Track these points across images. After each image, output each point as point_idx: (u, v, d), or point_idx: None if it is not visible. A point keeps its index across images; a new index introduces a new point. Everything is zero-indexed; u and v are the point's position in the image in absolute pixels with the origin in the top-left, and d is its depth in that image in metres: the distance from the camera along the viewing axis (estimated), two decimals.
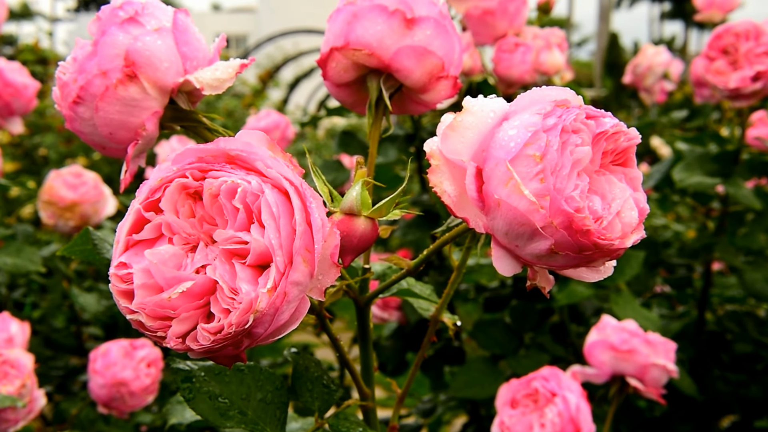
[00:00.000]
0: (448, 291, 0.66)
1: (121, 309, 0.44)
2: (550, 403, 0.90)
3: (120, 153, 0.58)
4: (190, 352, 0.43)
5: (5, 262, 1.22)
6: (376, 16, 0.60)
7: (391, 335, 1.56)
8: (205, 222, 0.44)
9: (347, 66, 0.63)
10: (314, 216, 0.43)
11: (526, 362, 1.39)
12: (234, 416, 0.56)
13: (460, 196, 0.48)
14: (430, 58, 0.61)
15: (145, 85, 0.55)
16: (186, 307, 0.42)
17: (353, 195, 0.50)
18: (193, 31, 0.58)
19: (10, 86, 1.29)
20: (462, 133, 0.47)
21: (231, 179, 0.42)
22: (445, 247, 0.56)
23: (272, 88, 7.76)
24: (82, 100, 0.55)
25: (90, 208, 1.39)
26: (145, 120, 0.56)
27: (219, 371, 0.59)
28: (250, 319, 0.41)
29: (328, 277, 0.46)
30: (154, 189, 0.44)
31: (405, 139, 1.43)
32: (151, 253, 0.43)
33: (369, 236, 0.51)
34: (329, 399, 0.61)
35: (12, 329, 1.10)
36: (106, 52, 0.54)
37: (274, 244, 0.42)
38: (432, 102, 0.65)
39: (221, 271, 0.42)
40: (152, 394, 1.17)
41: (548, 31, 1.27)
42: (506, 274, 0.48)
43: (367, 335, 0.65)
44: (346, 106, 0.68)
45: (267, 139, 0.46)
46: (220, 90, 0.56)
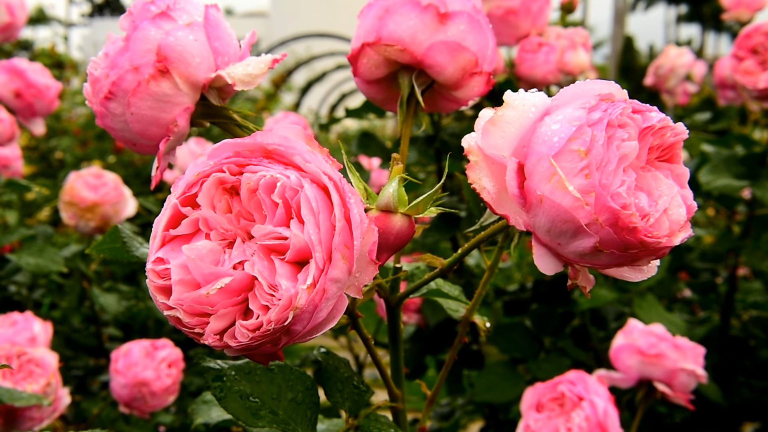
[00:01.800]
0: (480, 291, 0.65)
1: (158, 305, 0.43)
2: (577, 407, 0.88)
3: (150, 149, 0.58)
4: (227, 350, 0.43)
5: (28, 262, 1.22)
6: (409, 10, 0.60)
7: (410, 338, 1.55)
8: (242, 217, 0.43)
9: (378, 62, 0.62)
10: (353, 212, 0.43)
11: (546, 366, 1.37)
12: (265, 416, 0.55)
13: (500, 193, 0.47)
14: (464, 53, 0.60)
15: (177, 80, 0.54)
16: (224, 303, 0.41)
17: (390, 191, 0.49)
18: (224, 26, 0.57)
19: (33, 87, 1.29)
20: (503, 128, 0.46)
21: (270, 174, 0.42)
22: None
23: (285, 92, 7.77)
24: (113, 95, 0.54)
25: (110, 209, 1.39)
26: (177, 116, 0.55)
27: (249, 370, 0.58)
28: (289, 316, 0.40)
29: (366, 274, 0.45)
30: (191, 183, 0.43)
31: (425, 140, 1.42)
32: (189, 249, 0.42)
33: (405, 233, 0.50)
34: (359, 400, 0.60)
35: (35, 329, 1.10)
36: (138, 47, 0.54)
37: (313, 240, 0.41)
38: (464, 99, 0.64)
39: (260, 267, 0.41)
40: (173, 395, 1.17)
41: (572, 31, 1.25)
42: (548, 272, 0.47)
43: (398, 336, 0.64)
44: (376, 103, 0.67)
45: (304, 133, 0.45)
46: (252, 86, 0.55)
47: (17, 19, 1.76)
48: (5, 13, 1.75)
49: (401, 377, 0.64)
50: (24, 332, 1.10)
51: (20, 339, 1.08)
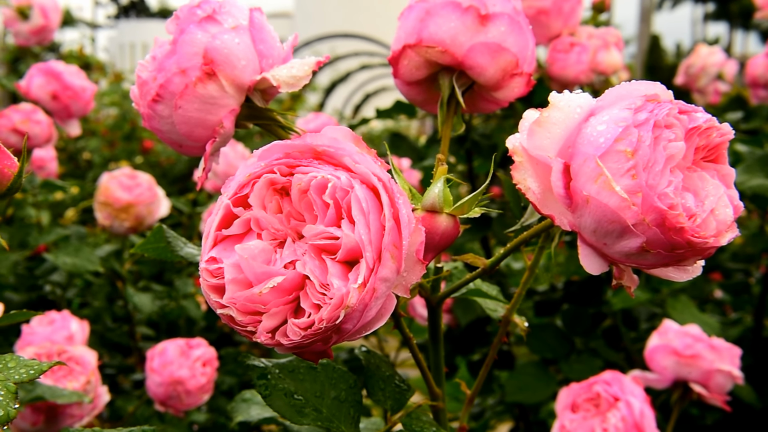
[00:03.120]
0: (520, 291, 0.65)
1: (210, 304, 0.44)
2: (613, 407, 0.88)
3: (196, 151, 0.59)
4: (279, 348, 0.43)
5: (65, 262, 1.24)
6: (450, 12, 0.60)
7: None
8: (292, 218, 0.44)
9: (419, 63, 0.63)
10: (402, 212, 0.43)
11: (578, 367, 1.37)
12: (309, 414, 0.56)
13: (545, 193, 0.48)
14: (505, 54, 0.60)
15: (223, 83, 0.55)
16: (276, 302, 0.42)
17: (435, 192, 0.50)
18: (268, 29, 0.58)
19: (69, 89, 1.31)
20: (548, 129, 0.47)
21: (321, 174, 0.42)
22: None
23: (309, 93, 7.80)
24: (161, 98, 0.55)
25: (144, 209, 1.40)
26: (223, 117, 0.56)
27: (293, 368, 0.59)
28: (340, 314, 0.41)
29: (414, 273, 0.45)
30: (243, 184, 0.44)
31: (456, 141, 1.42)
32: (242, 248, 0.43)
33: (451, 233, 0.50)
34: (401, 398, 0.61)
35: (72, 327, 1.11)
36: (185, 51, 0.55)
37: (364, 240, 0.41)
38: (504, 100, 0.64)
39: (311, 267, 0.42)
40: (207, 393, 1.18)
41: (604, 31, 1.25)
42: (593, 272, 0.47)
43: (438, 336, 0.64)
44: (416, 104, 0.68)
45: (352, 134, 0.46)
46: (297, 87, 0.56)
47: (51, 22, 1.79)
48: (39, 16, 1.78)
49: (442, 376, 0.65)
50: (61, 331, 1.11)
51: (58, 337, 1.10)
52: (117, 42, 24.00)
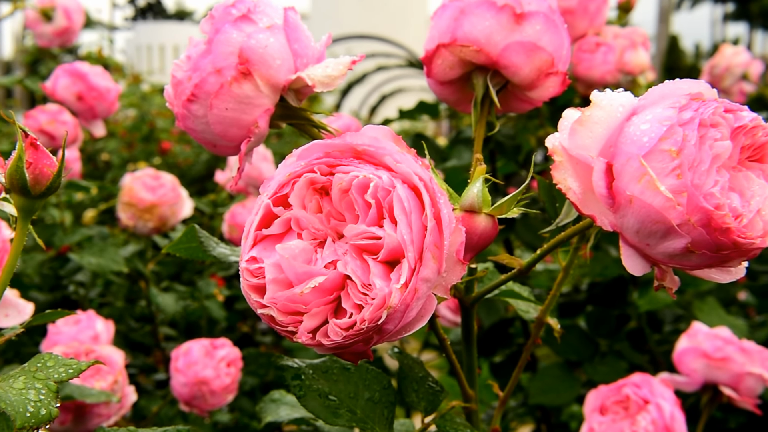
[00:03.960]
0: (554, 292, 0.65)
1: (251, 303, 0.44)
2: (643, 410, 0.87)
3: (230, 151, 0.59)
4: (319, 348, 0.43)
5: (90, 262, 1.24)
6: (485, 11, 0.60)
7: (462, 340, 1.54)
8: (333, 217, 0.44)
9: (453, 63, 0.62)
10: (444, 212, 0.43)
11: (603, 369, 1.36)
12: (344, 414, 0.55)
13: (585, 193, 0.47)
14: (540, 53, 0.60)
15: (258, 82, 0.55)
16: (317, 302, 0.42)
17: (474, 192, 0.49)
18: (302, 29, 0.58)
19: (94, 90, 1.31)
20: (591, 128, 0.46)
21: (362, 174, 0.42)
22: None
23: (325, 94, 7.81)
24: (196, 97, 0.55)
25: (168, 210, 1.41)
26: (258, 117, 0.56)
27: (326, 369, 0.59)
28: (383, 315, 0.41)
29: (454, 274, 0.45)
30: (283, 184, 0.44)
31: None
32: (283, 248, 0.42)
33: (489, 234, 0.50)
34: (434, 400, 0.60)
35: (98, 327, 1.12)
36: (220, 50, 0.54)
37: (406, 240, 0.41)
38: (539, 99, 0.64)
39: (353, 267, 0.42)
40: (232, 393, 1.18)
41: (630, 30, 1.24)
42: (636, 273, 0.46)
43: (472, 337, 0.64)
44: (449, 104, 0.67)
45: (392, 134, 0.45)
46: (331, 87, 0.56)
47: (74, 24, 1.80)
48: (62, 17, 1.79)
49: (474, 378, 0.64)
50: (87, 330, 1.12)
51: (83, 337, 1.10)
52: (134, 44, 24.13)
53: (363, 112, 10.70)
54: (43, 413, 0.40)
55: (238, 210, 1.67)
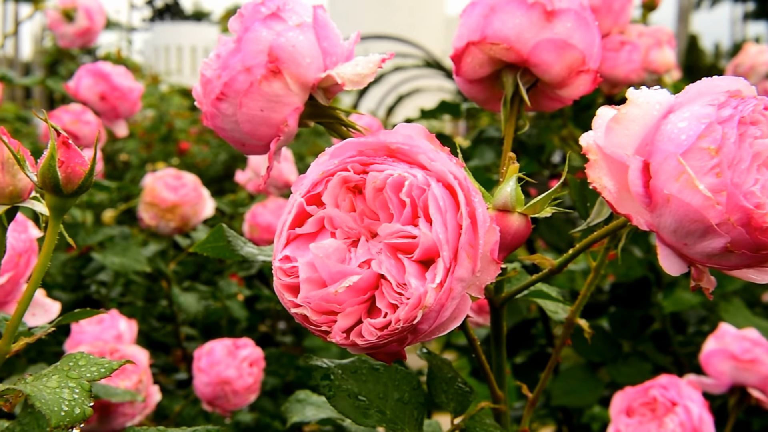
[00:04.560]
0: (585, 293, 0.64)
1: (284, 303, 0.43)
2: (671, 412, 0.86)
3: (259, 149, 0.58)
4: (353, 348, 0.43)
5: (113, 262, 1.25)
6: (515, 8, 0.59)
7: (485, 340, 1.53)
8: (366, 216, 0.43)
9: (483, 61, 0.62)
10: (478, 211, 0.42)
11: (626, 370, 1.35)
12: (374, 415, 0.55)
13: (620, 192, 0.47)
14: (571, 51, 0.59)
15: (288, 80, 0.54)
16: (351, 301, 0.41)
17: (507, 191, 0.49)
18: (332, 27, 0.58)
19: (117, 90, 1.32)
20: (627, 126, 0.45)
21: (397, 172, 0.42)
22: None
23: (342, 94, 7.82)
24: (225, 96, 0.55)
25: (190, 209, 1.41)
26: (287, 116, 0.55)
27: (355, 369, 0.58)
28: (418, 314, 0.40)
29: (488, 273, 0.44)
30: (316, 182, 0.44)
31: (502, 141, 1.40)
32: (317, 247, 0.42)
33: (522, 233, 0.49)
34: (464, 400, 0.60)
35: (121, 327, 1.12)
36: (249, 48, 0.54)
37: (441, 239, 0.41)
38: (569, 97, 0.63)
39: (387, 266, 0.41)
40: (254, 393, 1.18)
41: (655, 29, 1.23)
42: (673, 273, 0.46)
43: (501, 337, 0.63)
44: (477, 103, 0.67)
45: (426, 132, 0.45)
46: (361, 85, 0.56)
47: (95, 24, 1.81)
48: (84, 18, 1.80)
49: (504, 379, 0.64)
50: (110, 330, 1.12)
51: (107, 336, 1.11)
52: (152, 45, 24.25)
53: (380, 112, 10.70)
54: (77, 412, 0.40)
55: (259, 210, 1.67)
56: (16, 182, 0.51)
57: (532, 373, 1.56)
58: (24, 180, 0.51)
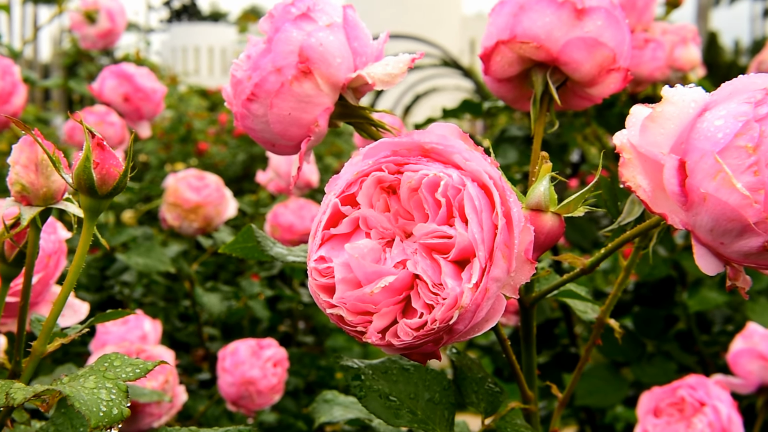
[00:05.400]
0: (615, 293, 0.64)
1: (319, 303, 0.43)
2: (699, 412, 0.86)
3: (289, 150, 0.58)
4: (388, 348, 0.43)
5: (137, 262, 1.26)
6: (545, 7, 0.59)
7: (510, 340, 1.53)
8: (400, 216, 0.43)
9: (512, 60, 0.61)
10: (514, 210, 0.42)
11: (651, 370, 1.34)
12: (405, 415, 0.55)
13: (655, 191, 0.46)
14: (601, 49, 0.59)
15: (318, 81, 0.54)
16: (386, 302, 0.41)
17: (541, 190, 0.49)
18: (362, 27, 0.58)
19: (141, 91, 1.33)
20: (662, 125, 0.45)
21: (432, 172, 0.41)
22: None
23: None
24: (256, 96, 0.55)
25: (213, 210, 1.42)
26: (318, 116, 0.55)
27: (385, 369, 0.58)
28: (454, 315, 0.40)
29: (522, 273, 0.44)
30: (351, 183, 0.44)
31: (524, 140, 1.40)
32: (352, 248, 0.42)
33: (556, 233, 0.49)
34: (494, 401, 0.60)
35: (146, 327, 1.13)
36: (280, 49, 0.54)
37: (477, 239, 0.40)
38: (599, 96, 0.63)
39: (423, 266, 0.41)
40: (278, 394, 1.18)
41: (679, 26, 1.22)
42: (709, 273, 0.45)
43: (531, 338, 0.63)
44: (506, 101, 0.67)
45: (459, 131, 0.45)
46: (391, 85, 0.56)
47: (117, 26, 1.82)
48: (106, 19, 1.81)
49: (534, 379, 0.63)
50: (135, 330, 1.13)
51: (132, 337, 1.11)
52: (169, 45, 24.38)
53: (397, 111, 10.71)
54: (115, 413, 0.40)
55: (281, 210, 1.67)
56: (50, 184, 0.51)
57: (555, 373, 1.56)
58: (58, 182, 0.52)
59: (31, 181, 0.51)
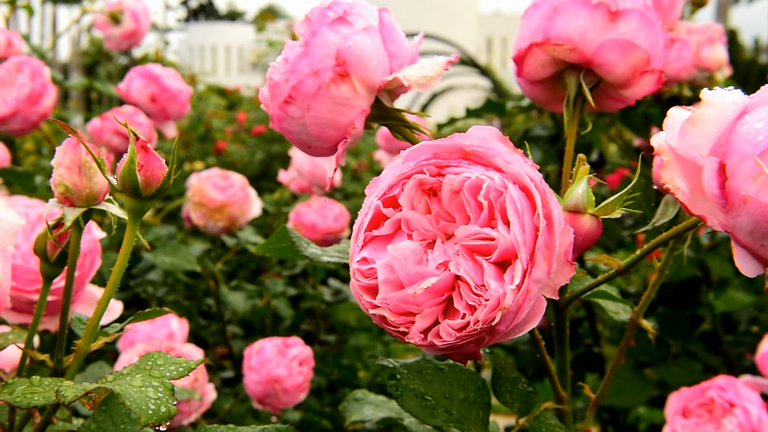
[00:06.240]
0: (649, 294, 0.64)
1: (362, 304, 0.44)
2: (729, 413, 0.86)
3: (325, 151, 0.59)
4: (430, 348, 0.43)
5: (164, 261, 1.27)
6: (579, 9, 0.59)
7: (531, 340, 1.53)
8: (441, 218, 0.44)
9: (545, 62, 0.62)
10: (554, 213, 0.43)
11: (676, 371, 1.34)
12: (440, 415, 0.56)
13: (694, 193, 0.46)
14: (635, 51, 0.59)
15: (355, 83, 0.55)
16: (429, 303, 0.42)
17: (579, 192, 0.49)
18: (397, 30, 0.58)
19: (167, 92, 1.34)
20: (702, 127, 0.45)
21: (474, 175, 0.42)
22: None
23: None
24: (293, 99, 0.56)
25: (237, 209, 1.43)
26: (354, 118, 0.56)
27: (420, 369, 0.59)
28: (497, 316, 0.40)
29: (562, 275, 0.44)
30: (392, 185, 0.44)
31: (548, 139, 1.40)
32: (395, 249, 0.43)
33: (594, 234, 0.49)
34: (528, 401, 0.60)
35: (173, 325, 1.14)
36: (317, 52, 0.55)
37: (519, 241, 0.41)
38: (632, 97, 0.63)
39: (465, 267, 0.42)
40: (304, 392, 1.19)
41: (705, 26, 1.21)
42: (749, 274, 0.45)
43: (564, 338, 0.63)
44: (538, 103, 0.67)
45: (499, 134, 0.45)
46: (427, 87, 0.56)
47: (141, 27, 1.83)
48: (130, 20, 1.83)
49: (567, 380, 0.64)
50: (162, 328, 1.14)
51: (159, 335, 1.12)
52: (186, 45, 24.48)
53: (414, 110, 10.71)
54: (163, 411, 0.41)
55: (303, 209, 1.68)
56: (93, 185, 0.52)
57: (578, 373, 1.56)
58: (100, 183, 0.53)
59: (75, 183, 0.52)
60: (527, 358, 1.51)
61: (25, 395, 0.43)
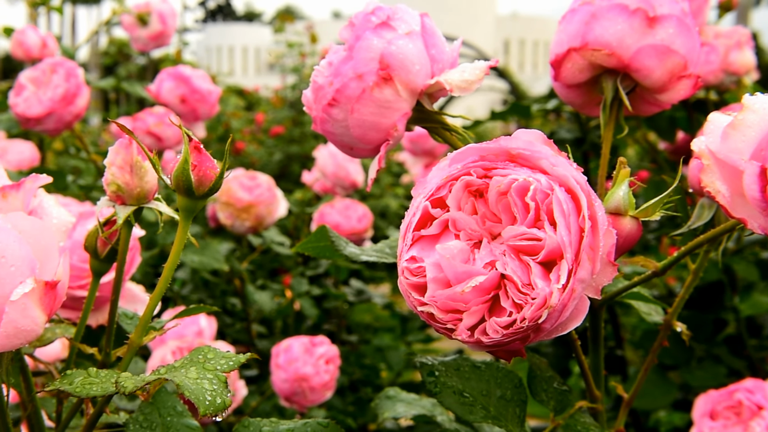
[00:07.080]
0: (683, 295, 0.65)
1: (410, 302, 0.45)
2: (756, 416, 0.86)
3: (366, 153, 0.60)
4: (477, 345, 0.44)
5: (192, 260, 1.29)
6: (617, 15, 0.60)
7: (553, 341, 1.54)
8: (488, 219, 0.45)
9: (583, 66, 0.63)
10: (599, 214, 0.44)
11: (700, 374, 1.34)
12: (478, 411, 0.57)
13: (734, 197, 0.47)
14: (673, 57, 0.60)
15: (398, 87, 0.56)
16: (476, 300, 0.43)
17: (620, 194, 0.50)
18: (439, 34, 0.59)
19: (197, 93, 1.36)
20: (743, 132, 0.46)
21: (522, 177, 0.43)
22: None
23: None
24: (337, 102, 0.57)
25: (264, 209, 1.44)
26: (396, 121, 0.57)
27: (457, 366, 0.60)
28: (543, 314, 0.42)
29: (605, 275, 0.46)
30: (440, 186, 0.45)
31: (573, 142, 1.41)
32: (443, 248, 0.44)
33: (634, 236, 0.50)
34: (563, 399, 0.61)
35: (202, 323, 1.15)
36: (361, 56, 0.56)
37: (565, 242, 0.42)
38: (668, 102, 0.64)
39: (513, 267, 0.43)
40: (330, 390, 1.20)
41: (732, 30, 1.22)
42: None
43: (599, 339, 0.64)
44: (574, 106, 0.68)
45: (544, 137, 0.46)
46: (469, 91, 0.57)
47: (168, 28, 1.86)
48: (157, 22, 1.85)
49: (601, 379, 0.65)
50: (192, 326, 1.16)
51: (188, 332, 1.14)
52: (204, 45, 24.60)
53: None
54: (219, 402, 0.42)
55: (327, 210, 1.69)
56: (143, 184, 0.54)
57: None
58: (150, 182, 0.54)
59: (126, 182, 0.54)
60: (550, 359, 1.51)
61: (84, 385, 0.44)
